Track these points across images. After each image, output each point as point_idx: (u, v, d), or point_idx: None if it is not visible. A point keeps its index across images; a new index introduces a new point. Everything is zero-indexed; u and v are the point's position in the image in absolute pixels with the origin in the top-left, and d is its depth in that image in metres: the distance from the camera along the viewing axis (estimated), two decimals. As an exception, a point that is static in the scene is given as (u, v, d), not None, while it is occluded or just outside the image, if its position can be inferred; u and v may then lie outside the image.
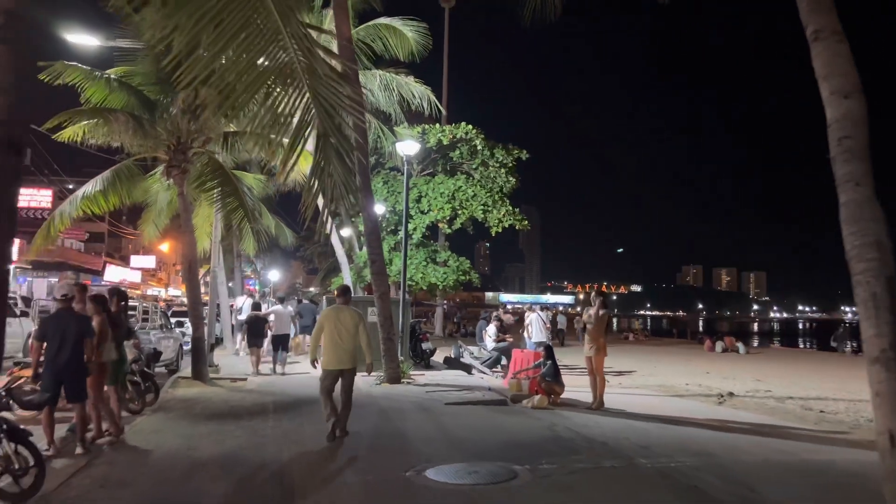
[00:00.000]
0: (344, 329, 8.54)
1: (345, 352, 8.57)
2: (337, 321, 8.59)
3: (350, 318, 8.64)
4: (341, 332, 8.53)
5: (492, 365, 17.17)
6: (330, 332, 8.56)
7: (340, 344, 8.53)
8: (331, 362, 8.59)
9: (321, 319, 8.91)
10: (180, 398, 12.11)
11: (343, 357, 8.57)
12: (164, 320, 15.40)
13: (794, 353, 39.67)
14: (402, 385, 13.41)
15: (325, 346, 8.64)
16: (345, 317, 8.64)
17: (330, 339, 8.56)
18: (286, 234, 26.66)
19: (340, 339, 8.54)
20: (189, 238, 13.73)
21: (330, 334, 8.56)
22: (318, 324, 8.87)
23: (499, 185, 25.52)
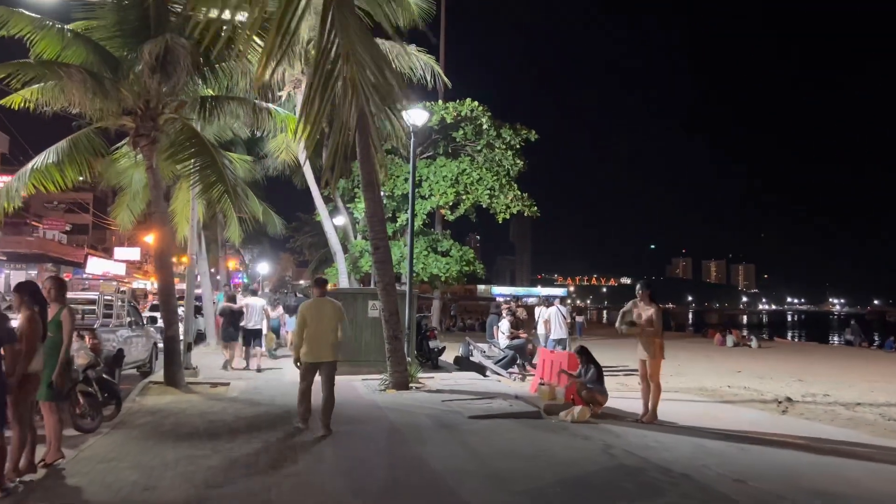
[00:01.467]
0: (324, 322, 8.44)
1: (325, 344, 8.45)
2: (317, 314, 8.47)
3: (330, 311, 8.55)
4: (321, 325, 8.42)
5: (507, 365, 15.28)
6: (311, 325, 8.43)
7: (320, 337, 8.42)
8: (310, 355, 8.47)
9: (302, 314, 8.62)
10: (149, 409, 10.13)
11: (323, 350, 8.45)
12: (135, 315, 13.38)
13: (807, 347, 38.17)
14: (410, 392, 11.48)
15: (307, 340, 8.49)
16: (325, 309, 8.54)
17: (310, 333, 8.44)
18: (274, 222, 24.63)
19: (320, 332, 8.42)
20: (160, 219, 11.71)
21: (311, 328, 8.43)
22: (300, 319, 8.59)
23: (505, 168, 23.55)
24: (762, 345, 33.26)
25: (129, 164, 13.54)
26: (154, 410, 10.04)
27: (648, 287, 9.54)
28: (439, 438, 8.07)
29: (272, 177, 27.40)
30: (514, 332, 16.37)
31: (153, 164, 11.56)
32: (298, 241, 49.32)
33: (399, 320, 11.97)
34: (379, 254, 11.85)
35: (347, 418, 9.29)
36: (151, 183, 11.69)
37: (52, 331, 6.35)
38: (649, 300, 9.48)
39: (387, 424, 8.89)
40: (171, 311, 11.84)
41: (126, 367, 12.68)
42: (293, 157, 21.57)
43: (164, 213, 11.80)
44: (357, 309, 13.93)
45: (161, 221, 11.73)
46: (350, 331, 13.58)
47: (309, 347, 8.47)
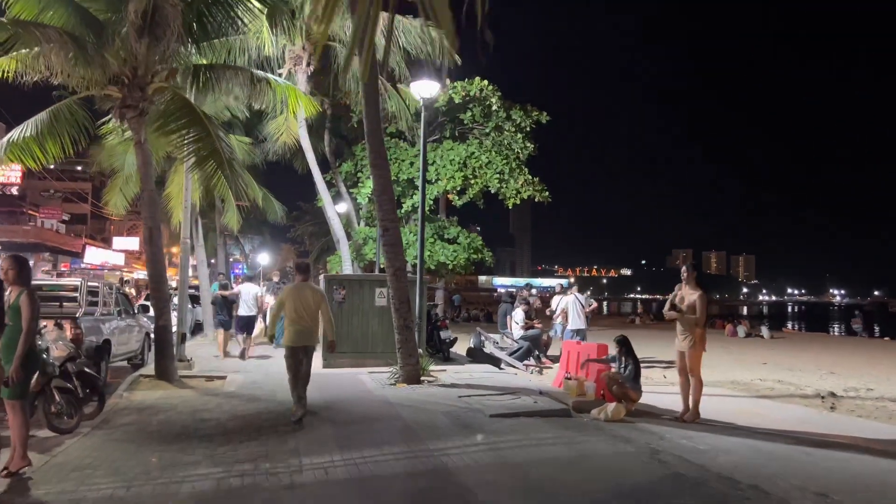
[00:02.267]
0: (305, 306, 8.47)
1: (306, 329, 8.54)
2: (298, 298, 8.49)
3: (311, 296, 8.59)
4: (302, 310, 8.45)
5: (522, 357, 14.33)
6: (291, 309, 8.45)
7: (302, 321, 8.47)
8: (294, 339, 8.50)
9: (281, 296, 8.69)
10: (136, 406, 9.19)
11: (305, 335, 8.54)
12: (125, 304, 12.43)
13: (818, 337, 37.21)
14: (423, 386, 10.53)
15: (287, 324, 8.54)
16: (306, 294, 8.56)
17: (291, 317, 8.47)
18: (275, 208, 23.63)
19: (302, 317, 8.45)
20: (149, 200, 10.72)
21: (291, 312, 8.46)
22: (279, 301, 8.69)
23: (515, 151, 22.55)
24: (774, 336, 32.41)
25: (117, 141, 12.59)
26: (142, 407, 9.10)
27: (695, 268, 8.57)
28: (461, 441, 7.11)
29: (272, 162, 26.40)
30: (529, 322, 15.39)
31: (141, 138, 10.56)
32: (299, 231, 48.30)
33: (410, 309, 11.01)
34: (388, 236, 10.87)
35: (357, 416, 8.35)
36: (140, 160, 10.69)
37: (11, 318, 5.39)
38: (695, 284, 8.52)
39: (400, 424, 7.93)
40: (163, 299, 10.87)
41: (115, 359, 11.74)
42: (294, 138, 20.56)
43: (153, 194, 10.81)
44: (363, 297, 12.98)
45: (150, 203, 10.74)
46: (356, 322, 12.67)
47: (291, 333, 8.52)
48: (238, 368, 13.01)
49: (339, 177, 23.26)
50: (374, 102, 10.70)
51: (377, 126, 10.77)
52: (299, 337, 8.49)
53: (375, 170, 10.81)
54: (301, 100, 11.77)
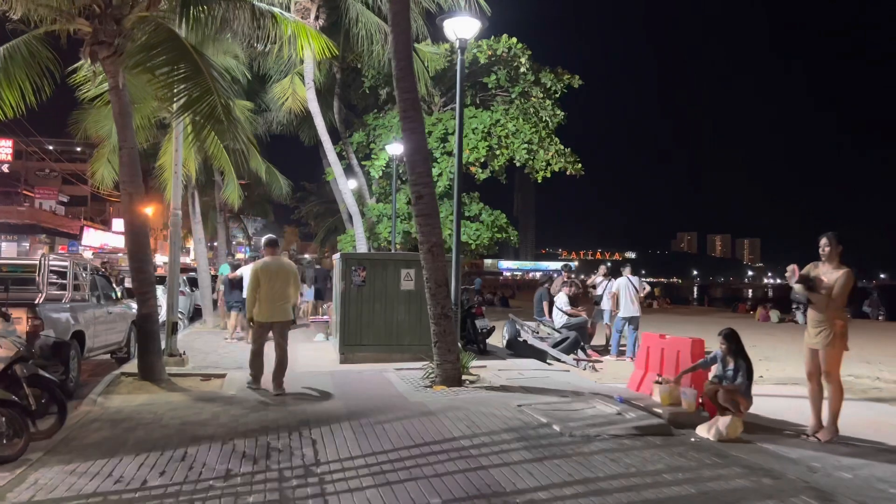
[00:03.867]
0: (277, 281, 8.44)
1: (277, 304, 8.46)
2: (270, 274, 8.45)
3: (282, 270, 8.56)
4: (274, 286, 8.43)
5: (569, 349, 12.36)
6: (264, 285, 8.43)
7: (273, 297, 8.43)
8: (263, 314, 8.47)
9: (255, 273, 8.58)
10: (111, 416, 7.26)
11: (275, 309, 8.46)
12: (105, 287, 10.47)
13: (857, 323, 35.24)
14: (467, 389, 8.56)
15: (260, 300, 8.49)
16: (276, 269, 8.53)
17: (264, 293, 8.44)
18: (280, 183, 21.60)
19: (273, 293, 8.43)
20: (128, 156, 8.69)
21: (264, 287, 8.43)
22: (253, 278, 8.56)
23: (543, 119, 20.46)
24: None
25: (80, 78, 10.33)
26: (118, 418, 7.16)
27: (839, 242, 6.56)
28: (546, 477, 5.14)
29: (276, 136, 24.39)
30: (574, 309, 13.42)
31: (119, 82, 8.54)
32: (304, 212, 46.15)
33: (449, 293, 9.01)
34: (423, 204, 8.84)
35: (393, 433, 6.38)
36: (116, 109, 8.66)
37: None
38: (838, 261, 6.52)
39: (454, 448, 5.96)
40: (146, 281, 8.88)
41: (92, 353, 9.80)
42: (301, 104, 18.50)
43: (133, 152, 8.78)
44: (387, 279, 11.00)
45: (130, 162, 8.72)
46: (378, 309, 10.72)
47: (261, 307, 8.43)
48: (241, 362, 11.03)
49: (350, 147, 21.20)
50: (405, 26, 8.65)
51: (408, 63, 8.72)
52: (271, 312, 8.43)
53: (407, 122, 8.75)
54: (314, 39, 9.72)
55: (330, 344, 13.70)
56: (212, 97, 7.74)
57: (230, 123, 7.98)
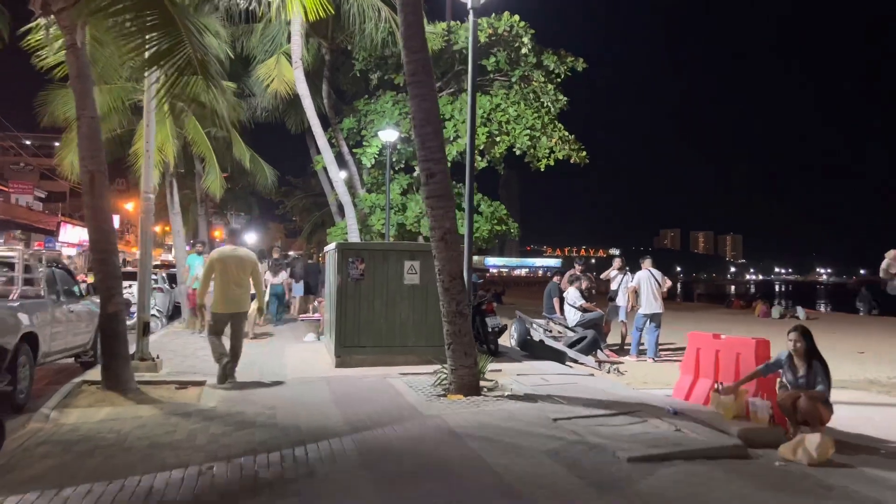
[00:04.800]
0: (235, 271, 8.29)
1: (236, 295, 8.30)
2: (227, 263, 8.30)
3: (241, 259, 8.42)
4: (232, 275, 8.27)
5: (588, 349, 11.21)
6: (221, 274, 8.26)
7: (231, 287, 8.27)
8: (221, 305, 8.29)
9: (211, 261, 8.41)
10: (64, 437, 5.99)
11: (234, 300, 8.30)
12: (67, 283, 9.14)
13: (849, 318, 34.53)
14: (487, 399, 7.34)
15: (216, 290, 8.31)
16: (235, 258, 8.38)
17: (221, 282, 8.28)
18: (265, 172, 20.21)
19: (231, 282, 8.27)
20: (88, 128, 7.37)
21: (221, 277, 8.26)
22: (208, 265, 8.40)
23: (545, 104, 19.26)
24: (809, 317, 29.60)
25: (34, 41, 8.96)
26: (72, 439, 5.89)
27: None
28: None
29: (260, 124, 22.98)
30: (588, 305, 12.26)
31: (77, 40, 7.22)
32: (289, 206, 44.70)
33: (465, 289, 7.78)
34: (434, 185, 7.60)
35: (412, 464, 5.15)
36: (73, 71, 7.33)
37: None
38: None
39: (491, 483, 4.74)
40: (111, 275, 7.57)
41: (50, 358, 8.47)
42: (288, 86, 17.16)
43: (94, 122, 7.46)
44: (388, 272, 9.75)
45: (90, 135, 7.40)
46: (378, 306, 9.50)
47: (220, 298, 8.27)
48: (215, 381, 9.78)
49: (341, 134, 19.89)
50: None
51: (417, 18, 7.49)
52: (229, 303, 8.27)
53: (416, 87, 7.50)
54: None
55: (322, 344, 12.45)
56: (186, 49, 6.43)
57: (208, 80, 6.69)
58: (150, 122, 9.02)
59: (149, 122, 9.03)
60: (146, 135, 9.05)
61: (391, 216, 18.29)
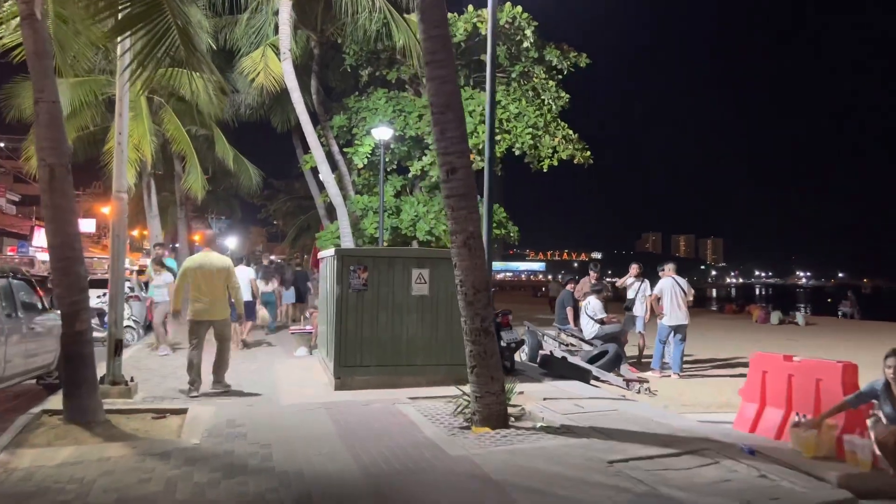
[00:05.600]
0: (213, 277, 8.09)
1: (213, 300, 8.09)
2: (205, 269, 8.11)
3: (216, 263, 8.23)
4: (211, 281, 8.07)
5: (611, 366, 10.20)
6: (196, 279, 8.08)
7: (210, 293, 8.07)
8: (200, 312, 8.08)
9: (186, 267, 8.22)
10: (14, 486, 4.92)
11: (213, 307, 8.09)
12: (27, 295, 7.96)
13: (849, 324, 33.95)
14: (519, 432, 6.29)
15: (193, 296, 8.09)
16: (211, 263, 8.19)
17: (196, 288, 8.08)
18: (249, 172, 19.06)
19: (210, 288, 8.07)
20: (47, 113, 6.22)
21: (196, 282, 8.08)
22: (182, 271, 8.24)
23: (546, 102, 18.29)
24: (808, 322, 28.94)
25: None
26: (24, 492, 4.79)
27: None
28: None
29: (244, 123, 21.77)
30: (610, 317, 11.28)
31: (34, 10, 6.07)
32: (272, 209, 43.36)
33: (490, 302, 6.71)
34: (456, 181, 6.55)
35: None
36: (30, 47, 6.16)
37: None
38: None
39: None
40: (75, 288, 6.41)
41: (7, 382, 7.28)
42: (275, 80, 16.02)
43: (55, 108, 6.32)
44: (394, 282, 8.68)
45: (50, 121, 6.24)
46: (383, 319, 8.43)
47: (197, 305, 8.06)
48: (206, 389, 8.65)
49: (331, 132, 18.75)
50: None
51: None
52: (207, 309, 8.08)
53: (435, 67, 6.45)
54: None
55: (315, 360, 11.34)
56: (165, 14, 5.33)
57: (190, 54, 5.58)
58: (123, 110, 7.87)
59: (122, 110, 7.87)
60: (118, 125, 7.89)
61: (385, 220, 17.21)
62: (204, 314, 8.09)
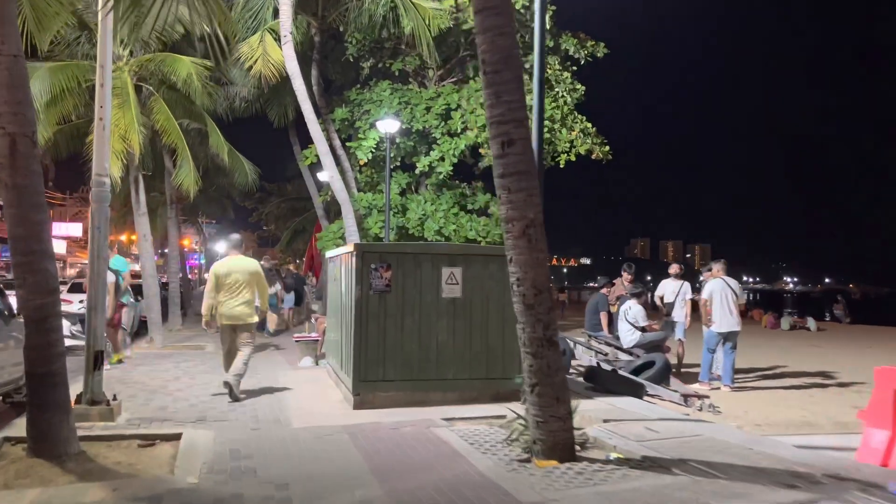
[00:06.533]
0: (239, 280, 8.05)
1: (239, 304, 8.04)
2: (232, 273, 8.09)
3: (247, 267, 8.21)
4: (235, 284, 8.04)
5: (660, 378, 9.01)
6: (223, 285, 8.04)
7: (235, 296, 8.03)
8: (226, 316, 8.04)
9: (215, 272, 8.17)
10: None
11: (237, 310, 8.03)
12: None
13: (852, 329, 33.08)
14: (593, 466, 5.09)
15: (222, 300, 8.03)
16: (241, 267, 8.18)
17: (226, 293, 8.03)
18: (245, 169, 17.77)
19: (235, 291, 8.03)
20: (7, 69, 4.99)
21: (225, 289, 8.04)
22: (212, 279, 8.12)
23: (561, 94, 17.15)
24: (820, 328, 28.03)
25: None
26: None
27: None
28: None
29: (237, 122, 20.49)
30: (653, 324, 10.14)
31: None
32: (264, 213, 41.98)
33: (553, 308, 5.49)
34: (513, 156, 5.34)
35: None
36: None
37: None
38: None
39: None
40: (42, 289, 5.16)
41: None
42: (274, 68, 14.78)
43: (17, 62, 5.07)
44: (421, 283, 7.48)
45: (10, 82, 5.02)
46: (409, 326, 7.25)
47: (223, 309, 8.01)
48: (202, 408, 7.41)
49: (332, 125, 17.52)
50: None
51: None
52: (232, 314, 8.01)
53: (489, 18, 5.26)
54: None
55: (322, 370, 10.12)
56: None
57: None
58: (105, 79, 6.62)
59: (104, 80, 6.63)
60: (99, 97, 6.64)
61: (391, 219, 16.00)
62: (232, 319, 8.04)
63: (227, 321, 8.05)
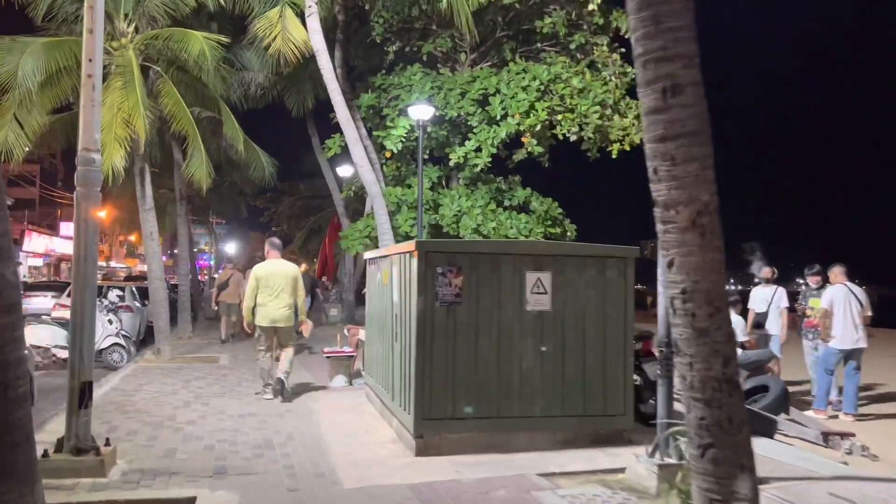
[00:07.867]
0: (279, 283, 8.10)
1: (281, 307, 8.09)
2: (272, 276, 8.15)
3: (285, 271, 8.28)
4: (276, 287, 8.09)
5: (778, 408, 7.29)
6: (264, 287, 8.09)
7: (275, 299, 8.08)
8: (265, 319, 8.10)
9: (256, 274, 8.22)
10: None
11: (277, 314, 8.08)
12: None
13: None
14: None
15: (261, 302, 8.11)
16: (279, 270, 8.27)
17: (266, 295, 8.09)
18: (262, 161, 16.15)
19: (275, 294, 8.08)
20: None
21: (264, 290, 8.09)
22: (253, 282, 8.20)
23: (609, 79, 15.45)
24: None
25: None
26: None
27: None
28: None
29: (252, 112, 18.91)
30: (753, 340, 8.45)
31: None
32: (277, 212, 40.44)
33: (733, 334, 3.82)
34: (678, 109, 3.63)
35: None
36: None
37: None
38: None
39: None
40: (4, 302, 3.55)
41: None
42: (294, 49, 13.12)
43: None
44: (499, 292, 5.82)
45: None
46: (484, 347, 5.56)
47: (262, 312, 8.09)
48: (220, 450, 5.78)
49: (358, 113, 15.89)
50: None
51: None
52: (273, 317, 8.06)
53: None
54: None
55: (359, 393, 8.48)
56: None
57: None
58: (95, 24, 5.00)
59: (93, 24, 5.02)
60: (87, 46, 5.02)
61: (423, 216, 14.37)
62: (272, 321, 8.07)
63: (268, 323, 8.09)
